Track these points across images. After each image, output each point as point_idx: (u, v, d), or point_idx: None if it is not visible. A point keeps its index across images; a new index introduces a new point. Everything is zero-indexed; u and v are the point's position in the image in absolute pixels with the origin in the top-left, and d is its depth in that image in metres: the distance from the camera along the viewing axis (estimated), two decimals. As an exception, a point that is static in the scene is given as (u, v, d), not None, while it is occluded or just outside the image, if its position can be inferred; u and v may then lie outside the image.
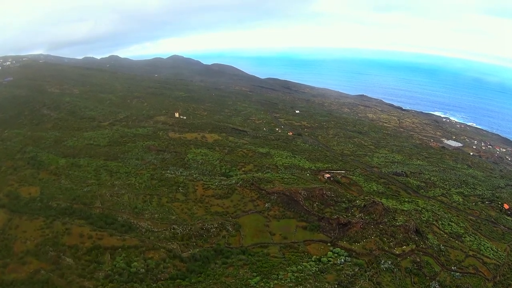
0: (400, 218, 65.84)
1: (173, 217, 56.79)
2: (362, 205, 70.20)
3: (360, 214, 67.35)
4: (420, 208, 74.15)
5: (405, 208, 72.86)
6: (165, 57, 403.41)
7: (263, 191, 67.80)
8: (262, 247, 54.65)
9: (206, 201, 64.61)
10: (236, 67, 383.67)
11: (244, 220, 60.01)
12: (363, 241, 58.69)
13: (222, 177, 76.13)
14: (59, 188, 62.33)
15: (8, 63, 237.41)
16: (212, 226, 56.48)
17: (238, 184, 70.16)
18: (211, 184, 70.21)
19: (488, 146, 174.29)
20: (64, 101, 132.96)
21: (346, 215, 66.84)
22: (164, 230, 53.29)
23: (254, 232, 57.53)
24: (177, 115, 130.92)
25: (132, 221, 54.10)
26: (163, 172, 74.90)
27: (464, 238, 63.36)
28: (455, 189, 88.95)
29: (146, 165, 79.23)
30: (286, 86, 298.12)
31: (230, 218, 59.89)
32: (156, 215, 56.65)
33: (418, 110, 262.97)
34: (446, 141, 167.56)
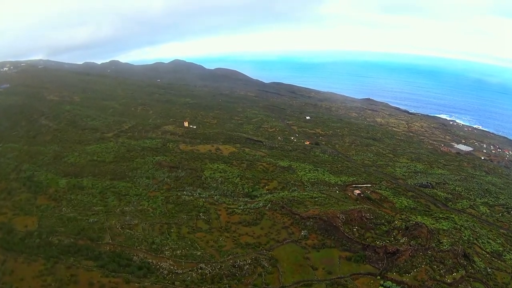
0: (445, 241, 59.23)
1: (198, 253, 47.73)
2: (403, 227, 63.55)
3: (404, 239, 60.42)
4: (459, 226, 68.09)
5: (444, 227, 66.60)
6: (166, 62, 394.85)
7: (297, 216, 59.14)
8: (305, 285, 46.44)
9: (233, 229, 55.87)
10: (239, 71, 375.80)
11: (280, 252, 51.38)
12: (413, 271, 52.55)
13: (246, 199, 67.42)
14: (60, 219, 53.24)
15: (5, 68, 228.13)
16: (245, 262, 47.64)
17: (267, 208, 61.47)
18: (236, 208, 61.60)
19: (498, 150, 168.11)
20: (64, 110, 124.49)
21: (389, 240, 60.11)
22: (190, 271, 44.24)
23: (293, 267, 48.99)
24: (186, 124, 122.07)
25: (150, 261, 45.03)
26: (178, 193, 66.21)
27: (505, 256, 58.70)
28: (480, 199, 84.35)
29: (158, 185, 70.64)
30: (291, 91, 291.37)
31: (264, 250, 51.11)
32: (178, 252, 47.56)
33: (424, 113, 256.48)
34: (456, 146, 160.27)
